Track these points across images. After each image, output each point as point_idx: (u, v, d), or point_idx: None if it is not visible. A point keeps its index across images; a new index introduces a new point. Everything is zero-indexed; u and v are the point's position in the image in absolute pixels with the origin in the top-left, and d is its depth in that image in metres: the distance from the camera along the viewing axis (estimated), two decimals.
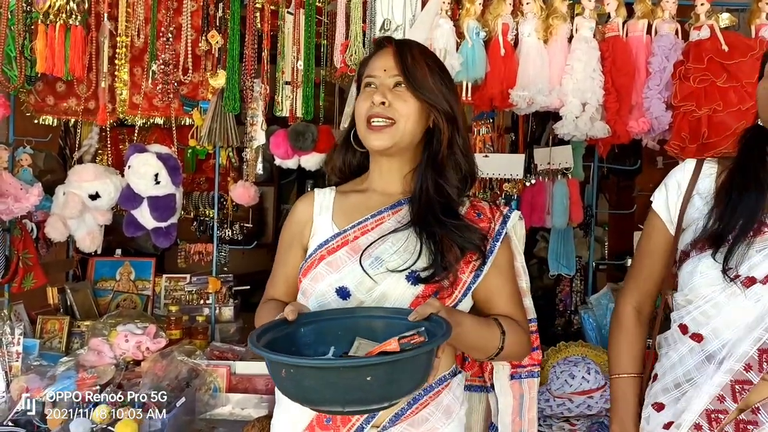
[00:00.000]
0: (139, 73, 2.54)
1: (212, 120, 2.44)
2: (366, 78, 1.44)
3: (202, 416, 2.20)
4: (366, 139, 1.42)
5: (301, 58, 2.33)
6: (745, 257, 1.28)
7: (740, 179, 1.36)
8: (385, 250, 1.36)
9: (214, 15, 2.40)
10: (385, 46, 1.45)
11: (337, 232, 1.42)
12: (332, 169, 1.55)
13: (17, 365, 2.19)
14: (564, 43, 2.19)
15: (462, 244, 1.36)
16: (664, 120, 2.15)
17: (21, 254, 2.51)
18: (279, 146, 2.55)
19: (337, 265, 1.37)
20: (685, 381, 1.35)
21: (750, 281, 1.28)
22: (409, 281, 1.34)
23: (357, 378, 1.06)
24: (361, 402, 1.10)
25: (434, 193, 1.40)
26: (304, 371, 1.09)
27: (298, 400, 1.14)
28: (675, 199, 1.44)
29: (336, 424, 1.36)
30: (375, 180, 1.48)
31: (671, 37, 2.18)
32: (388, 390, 1.10)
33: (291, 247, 1.49)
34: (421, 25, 2.13)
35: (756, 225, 1.30)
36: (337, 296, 1.36)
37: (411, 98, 1.40)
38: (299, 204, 1.52)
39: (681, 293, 1.39)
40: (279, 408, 1.47)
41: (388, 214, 1.43)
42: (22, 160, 2.53)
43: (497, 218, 1.45)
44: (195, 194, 3.47)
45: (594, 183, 3.07)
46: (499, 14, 2.17)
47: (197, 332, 2.69)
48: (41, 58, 2.22)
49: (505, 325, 1.38)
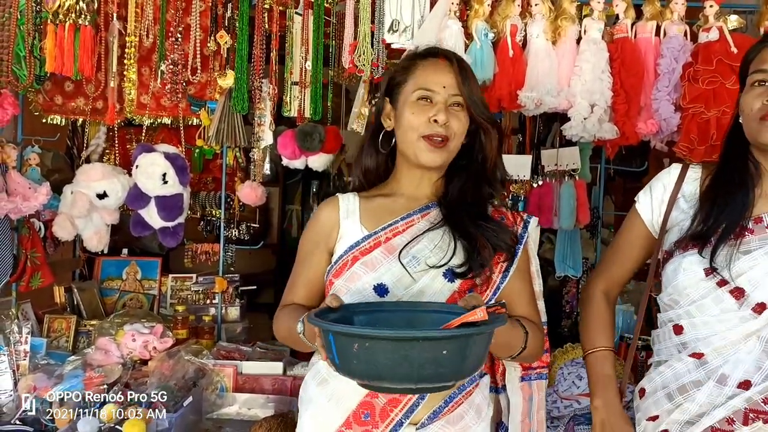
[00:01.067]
0: (148, 72, 2.55)
1: (220, 120, 2.45)
2: (420, 90, 1.43)
3: (208, 416, 2.21)
4: (420, 156, 1.43)
5: (309, 59, 2.33)
6: (730, 260, 1.34)
7: (724, 182, 1.42)
8: (420, 249, 1.41)
9: (223, 15, 2.41)
10: (437, 58, 1.46)
11: (367, 234, 1.44)
12: (362, 171, 1.55)
13: (25, 364, 2.19)
14: (572, 44, 2.19)
15: (495, 243, 1.42)
16: (673, 122, 2.15)
17: (29, 253, 2.52)
18: (286, 146, 2.56)
19: (373, 265, 1.40)
20: (679, 394, 1.38)
21: (739, 292, 1.32)
22: (446, 278, 1.39)
23: (433, 351, 1.07)
24: (433, 378, 1.10)
25: (471, 198, 1.46)
26: (381, 344, 1.08)
27: (365, 379, 1.14)
28: (659, 202, 1.51)
29: (374, 419, 1.37)
30: (404, 185, 1.50)
31: (680, 39, 2.17)
32: (460, 367, 1.11)
33: (314, 252, 1.50)
34: (430, 25, 2.13)
35: (738, 228, 1.36)
36: (375, 293, 1.39)
37: (465, 117, 1.44)
38: (323, 209, 1.52)
39: (665, 293, 1.45)
40: (309, 407, 1.46)
41: (417, 217, 1.46)
42: (30, 160, 2.54)
43: (519, 223, 1.51)
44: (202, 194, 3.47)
45: (601, 184, 3.07)
46: (508, 15, 2.17)
47: (203, 332, 2.70)
48: (50, 57, 2.23)
49: (527, 326, 1.42)
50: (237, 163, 2.99)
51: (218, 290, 2.84)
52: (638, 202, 1.55)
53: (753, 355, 1.32)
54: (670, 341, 1.44)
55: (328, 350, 1.16)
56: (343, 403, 1.39)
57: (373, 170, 1.55)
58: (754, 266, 1.33)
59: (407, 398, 1.36)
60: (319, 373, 1.45)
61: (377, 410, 1.37)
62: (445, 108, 1.41)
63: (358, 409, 1.38)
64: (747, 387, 1.31)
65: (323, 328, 1.14)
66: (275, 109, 2.52)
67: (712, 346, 1.36)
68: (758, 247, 1.34)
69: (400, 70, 1.50)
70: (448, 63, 1.45)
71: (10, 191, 2.35)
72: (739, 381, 1.32)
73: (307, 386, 1.49)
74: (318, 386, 1.44)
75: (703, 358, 1.37)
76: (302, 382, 1.53)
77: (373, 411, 1.37)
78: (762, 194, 1.40)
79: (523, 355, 1.41)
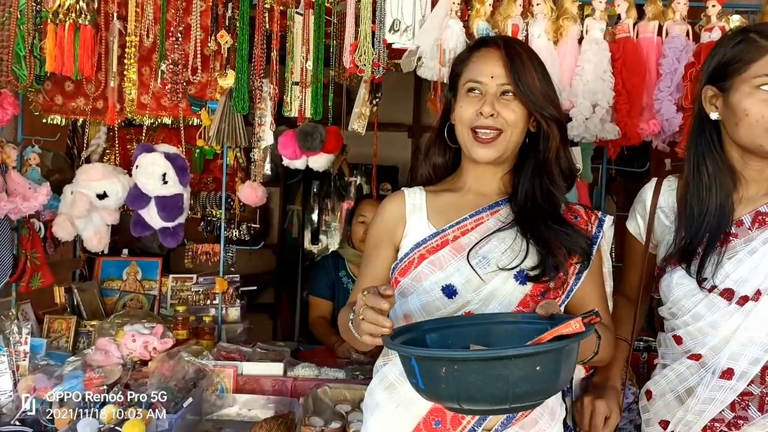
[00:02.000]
0: (148, 72, 2.55)
1: (221, 120, 2.44)
2: (469, 82, 1.39)
3: (208, 417, 2.20)
4: (471, 151, 1.39)
5: (310, 59, 2.32)
6: (717, 267, 1.35)
7: (699, 191, 1.40)
8: (491, 250, 1.36)
9: (223, 15, 2.40)
10: (489, 48, 1.41)
11: (435, 231, 1.40)
12: (432, 166, 1.51)
13: (24, 364, 2.19)
14: (574, 44, 2.18)
15: (570, 247, 1.36)
16: (675, 122, 2.14)
17: (29, 253, 2.51)
18: (287, 146, 2.55)
19: (441, 264, 1.36)
20: (688, 396, 1.40)
21: (729, 293, 1.34)
22: (517, 280, 1.34)
23: (526, 367, 1.03)
24: (527, 396, 1.06)
25: (541, 197, 1.40)
26: (471, 365, 1.03)
27: (455, 402, 1.08)
28: (642, 220, 1.54)
29: (446, 427, 1.33)
30: (470, 180, 1.46)
31: (682, 39, 2.16)
32: (552, 382, 1.07)
33: (380, 247, 1.46)
34: (431, 25, 2.12)
35: (722, 236, 1.36)
36: (442, 294, 1.35)
37: (519, 107, 1.38)
38: (388, 204, 1.48)
39: (665, 306, 1.47)
40: (375, 412, 1.42)
41: (486, 214, 1.42)
42: (30, 160, 2.53)
43: (593, 221, 1.45)
44: (202, 194, 3.47)
45: (602, 185, 3.06)
46: (509, 15, 2.16)
47: (204, 332, 2.69)
48: (50, 57, 2.22)
49: (599, 329, 1.35)
50: (237, 163, 2.98)
51: (218, 291, 2.83)
52: (628, 223, 1.57)
53: (743, 344, 1.34)
54: (673, 348, 1.47)
55: (410, 375, 1.11)
56: (413, 409, 1.35)
57: (442, 165, 1.51)
58: (739, 266, 1.35)
59: None
60: (387, 377, 1.41)
61: (448, 417, 1.33)
62: (493, 99, 1.36)
63: (428, 416, 1.34)
64: (731, 376, 1.33)
65: (405, 353, 1.09)
66: (276, 109, 2.51)
67: (707, 346, 1.38)
68: (742, 248, 1.36)
69: (458, 62, 1.47)
70: (498, 51, 1.38)
71: (9, 191, 2.35)
72: (732, 371, 1.34)
73: (374, 391, 1.45)
74: (385, 391, 1.40)
75: (701, 360, 1.39)
76: (367, 388, 1.49)
77: (444, 418, 1.33)
78: (742, 198, 1.40)
79: (594, 359, 1.36)
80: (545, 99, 1.39)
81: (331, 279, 3.19)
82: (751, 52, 1.34)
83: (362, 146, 3.56)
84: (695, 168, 1.42)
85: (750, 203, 1.40)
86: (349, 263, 3.17)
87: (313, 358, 2.66)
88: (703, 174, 1.40)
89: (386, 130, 4.29)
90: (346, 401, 2.21)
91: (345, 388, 2.25)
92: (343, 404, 2.19)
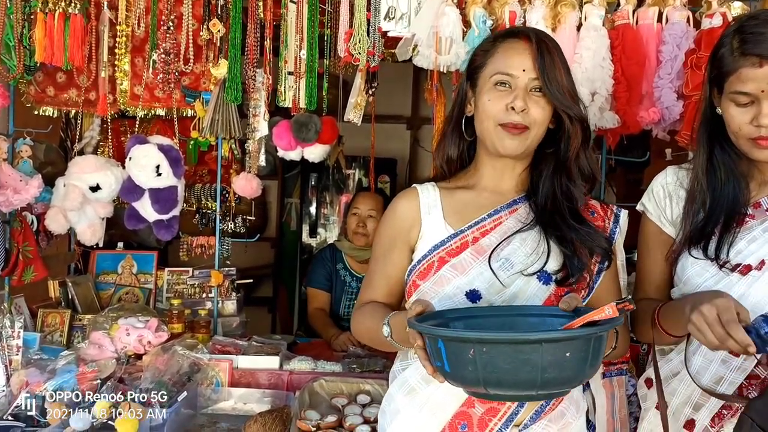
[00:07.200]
0: (140, 63, 2.51)
1: (214, 111, 2.42)
2: (498, 74, 1.34)
3: (203, 411, 2.19)
4: (497, 143, 1.35)
5: (304, 48, 2.28)
6: (731, 244, 1.33)
7: (712, 177, 1.39)
8: (513, 251, 1.33)
9: (216, 4, 2.36)
10: (519, 39, 1.36)
11: (453, 232, 1.36)
12: (445, 160, 1.46)
13: (17, 359, 2.18)
14: (573, 31, 2.14)
15: (591, 247, 1.35)
16: (675, 110, 2.10)
17: (21, 247, 2.49)
18: (282, 137, 2.52)
19: (464, 268, 1.33)
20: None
21: (746, 269, 1.32)
22: (540, 281, 1.32)
23: (556, 353, 1.02)
24: (556, 383, 1.05)
25: (562, 196, 1.37)
26: (501, 348, 1.02)
27: (482, 386, 1.06)
28: (662, 203, 1.48)
29: (472, 430, 1.30)
30: (486, 177, 1.42)
31: (682, 25, 2.13)
32: (580, 369, 1.06)
33: (393, 247, 1.42)
34: (427, 12, 2.09)
35: (737, 217, 1.35)
36: (467, 299, 1.32)
37: (547, 105, 1.34)
38: (401, 202, 1.44)
39: (677, 288, 1.43)
40: (396, 418, 1.38)
41: (505, 213, 1.38)
42: (22, 152, 2.51)
43: (609, 217, 1.43)
44: (197, 186, 3.43)
45: (602, 175, 3.03)
46: (507, 2, 2.13)
47: (199, 326, 2.66)
48: (40, 47, 2.19)
49: None
50: (232, 154, 2.95)
51: (214, 284, 2.80)
52: (644, 207, 1.52)
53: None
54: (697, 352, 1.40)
55: (435, 357, 1.08)
56: (438, 413, 1.32)
57: (456, 159, 1.46)
58: (753, 242, 1.33)
59: (506, 406, 1.29)
60: (407, 383, 1.38)
61: (475, 420, 1.30)
62: (524, 93, 1.31)
63: (453, 419, 1.31)
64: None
65: (432, 334, 1.07)
66: (270, 100, 2.48)
67: None
68: (758, 225, 1.35)
69: (480, 53, 1.41)
70: (529, 44, 1.33)
71: (1, 184, 2.32)
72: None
73: (392, 398, 1.41)
74: (406, 396, 1.37)
75: None
76: (385, 395, 1.46)
77: (471, 421, 1.30)
78: (761, 182, 1.39)
79: (612, 354, 1.31)
80: (571, 98, 1.35)
81: (329, 271, 3.17)
82: (728, 66, 1.32)
83: (360, 138, 3.53)
84: (708, 153, 1.40)
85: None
86: (347, 256, 3.15)
87: (309, 351, 2.64)
88: (715, 159, 1.39)
89: (384, 122, 4.25)
90: (343, 395, 2.19)
91: (341, 382, 2.23)
92: (340, 398, 2.17)
